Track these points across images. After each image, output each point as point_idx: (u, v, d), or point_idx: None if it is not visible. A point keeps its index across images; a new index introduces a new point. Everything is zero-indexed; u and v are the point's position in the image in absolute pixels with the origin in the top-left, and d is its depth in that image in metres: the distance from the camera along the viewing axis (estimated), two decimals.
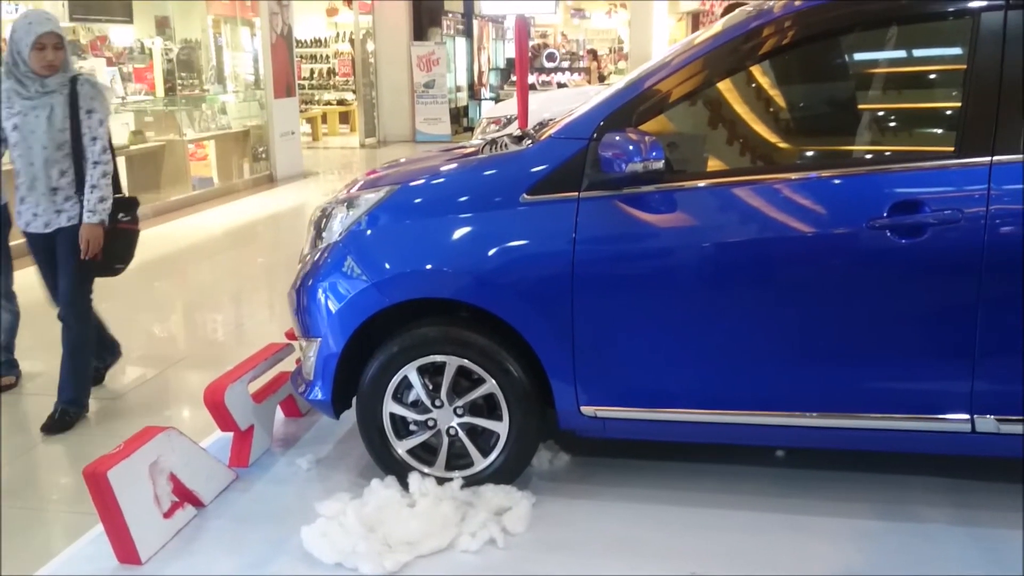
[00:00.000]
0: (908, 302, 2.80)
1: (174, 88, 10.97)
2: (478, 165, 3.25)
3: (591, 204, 2.93)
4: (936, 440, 2.90)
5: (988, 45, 2.73)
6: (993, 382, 2.76)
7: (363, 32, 16.98)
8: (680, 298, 2.92)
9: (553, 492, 3.26)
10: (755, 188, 2.87)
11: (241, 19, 12.33)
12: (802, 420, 2.96)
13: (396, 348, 3.13)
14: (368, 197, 3.24)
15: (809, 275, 2.85)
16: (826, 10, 2.97)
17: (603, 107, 3.04)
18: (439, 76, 16.63)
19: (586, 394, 3.03)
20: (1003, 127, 2.69)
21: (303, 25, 18.63)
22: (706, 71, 2.99)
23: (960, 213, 2.67)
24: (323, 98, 19.41)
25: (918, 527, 2.98)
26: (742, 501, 3.17)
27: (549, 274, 2.95)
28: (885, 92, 3.20)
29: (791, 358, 2.92)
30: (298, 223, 8.83)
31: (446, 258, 3.06)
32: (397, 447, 3.22)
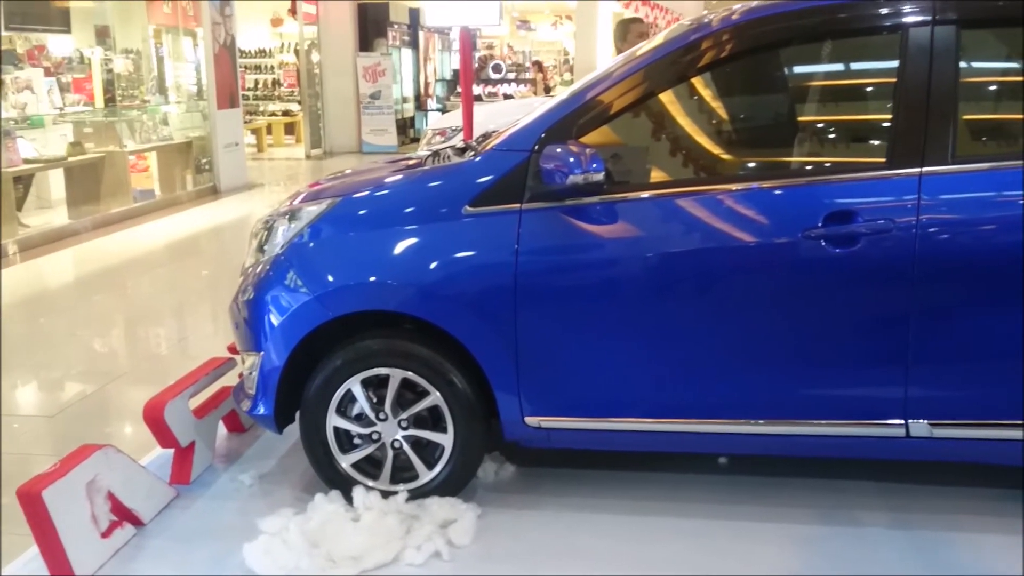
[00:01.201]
0: (844, 310, 2.85)
1: (114, 99, 10.79)
2: (421, 177, 3.25)
3: (533, 216, 2.95)
4: (873, 445, 2.97)
5: (916, 59, 2.81)
6: (926, 387, 2.82)
7: (308, 43, 16.88)
8: (621, 308, 2.94)
9: (499, 503, 3.26)
10: (694, 199, 2.91)
11: (183, 29, 12.17)
12: (745, 427, 3.00)
13: (339, 361, 3.11)
14: (310, 209, 3.22)
15: (748, 284, 2.90)
16: (762, 24, 3.03)
17: (544, 119, 3.06)
18: (385, 87, 16.59)
19: (530, 405, 3.04)
20: (932, 139, 2.76)
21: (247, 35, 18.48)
22: (646, 83, 3.03)
23: (892, 223, 2.74)
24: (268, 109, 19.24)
25: (857, 531, 3.04)
26: (686, 509, 3.20)
27: (492, 286, 2.96)
28: (820, 104, 3.27)
29: (733, 366, 2.96)
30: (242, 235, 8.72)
31: (389, 270, 3.05)
32: (341, 461, 3.20)
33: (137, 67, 11.45)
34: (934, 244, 2.73)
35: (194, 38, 12.17)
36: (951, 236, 2.73)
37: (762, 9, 3.06)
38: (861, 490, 3.27)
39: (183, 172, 11.60)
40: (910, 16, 2.84)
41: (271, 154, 17.32)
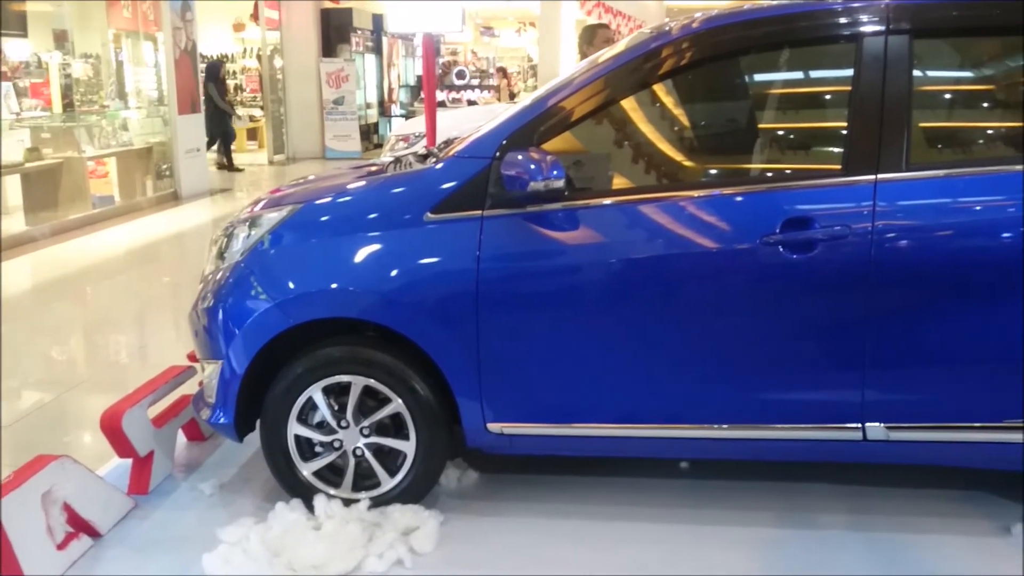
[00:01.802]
0: (802, 316, 2.89)
1: (73, 104, 10.64)
2: (382, 184, 3.24)
3: (495, 222, 2.95)
4: (831, 448, 3.00)
5: (871, 68, 2.85)
6: (882, 391, 2.86)
7: (271, 48, 16.77)
8: (583, 314, 2.96)
9: (461, 510, 3.25)
10: (655, 206, 2.93)
11: (144, 33, 12.03)
12: (706, 432, 3.02)
13: (301, 369, 3.09)
14: (271, 216, 3.20)
15: (709, 290, 2.92)
16: (720, 32, 3.06)
17: (506, 126, 3.07)
18: (348, 93, 16.52)
19: (492, 411, 3.04)
20: (886, 146, 2.81)
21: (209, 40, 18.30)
22: (607, 91, 3.05)
23: (848, 229, 2.77)
24: None
25: (817, 533, 3.07)
26: (648, 513, 3.22)
27: (454, 293, 2.95)
28: (778, 112, 3.30)
29: (694, 371, 2.98)
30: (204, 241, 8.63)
31: (351, 277, 3.03)
32: (302, 469, 3.17)
33: (96, 72, 11.30)
34: (889, 250, 2.77)
35: (155, 43, 12.04)
36: (905, 242, 2.77)
37: (721, 18, 3.09)
38: (821, 493, 3.31)
39: (143, 178, 11.46)
40: (864, 26, 2.89)
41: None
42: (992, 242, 2.78)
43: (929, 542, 3.00)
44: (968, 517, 3.13)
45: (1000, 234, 2.77)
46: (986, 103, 3.19)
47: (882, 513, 3.17)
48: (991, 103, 3.18)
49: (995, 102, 3.17)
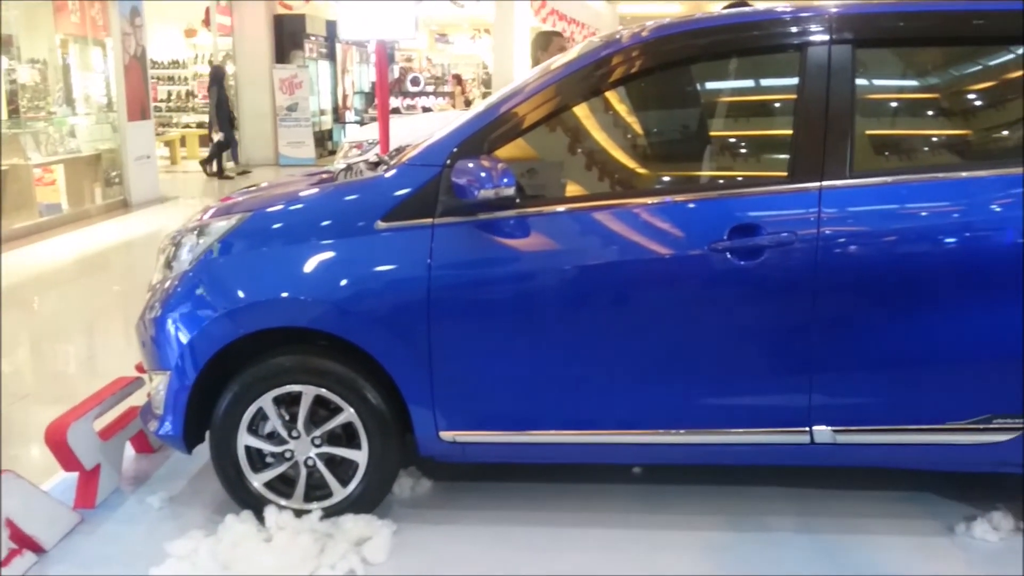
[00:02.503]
0: (750, 321, 2.93)
1: (18, 110, 10.43)
2: (333, 192, 3.23)
3: (446, 230, 2.95)
4: (780, 452, 3.04)
5: (815, 77, 2.90)
6: (828, 395, 2.91)
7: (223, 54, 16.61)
8: (534, 322, 2.96)
9: (415, 519, 3.24)
10: (605, 213, 2.95)
11: (92, 39, 11.84)
12: (658, 437, 3.04)
13: (250, 379, 3.06)
14: (219, 225, 3.17)
15: (659, 297, 2.95)
16: (669, 41, 3.10)
17: (456, 134, 3.07)
18: (302, 99, 16.42)
19: (445, 419, 3.04)
20: (831, 154, 2.86)
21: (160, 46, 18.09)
22: (558, 98, 3.06)
23: (794, 235, 2.82)
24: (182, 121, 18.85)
25: (766, 535, 3.11)
26: (601, 519, 3.23)
27: (405, 301, 2.95)
28: (726, 120, 3.35)
29: (645, 377, 3.00)
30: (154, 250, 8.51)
31: (301, 286, 3.01)
32: (253, 480, 3.14)
33: (43, 77, 11.09)
34: (834, 256, 2.81)
35: (103, 48, 11.86)
36: (850, 248, 2.82)
37: (670, 27, 3.13)
38: (770, 496, 3.35)
39: (92, 185, 11.28)
40: (808, 35, 2.94)
41: (185, 167, 16.96)
42: (935, 247, 2.84)
43: (876, 543, 3.05)
44: (913, 518, 3.19)
45: (942, 239, 2.83)
46: (928, 111, 3.26)
47: (830, 515, 3.22)
48: (933, 111, 3.25)
49: (937, 110, 3.24)
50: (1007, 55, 3.08)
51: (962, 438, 2.91)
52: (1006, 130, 3.12)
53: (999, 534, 3.05)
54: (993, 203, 2.84)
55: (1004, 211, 2.82)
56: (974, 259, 2.82)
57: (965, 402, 2.89)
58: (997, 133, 3.14)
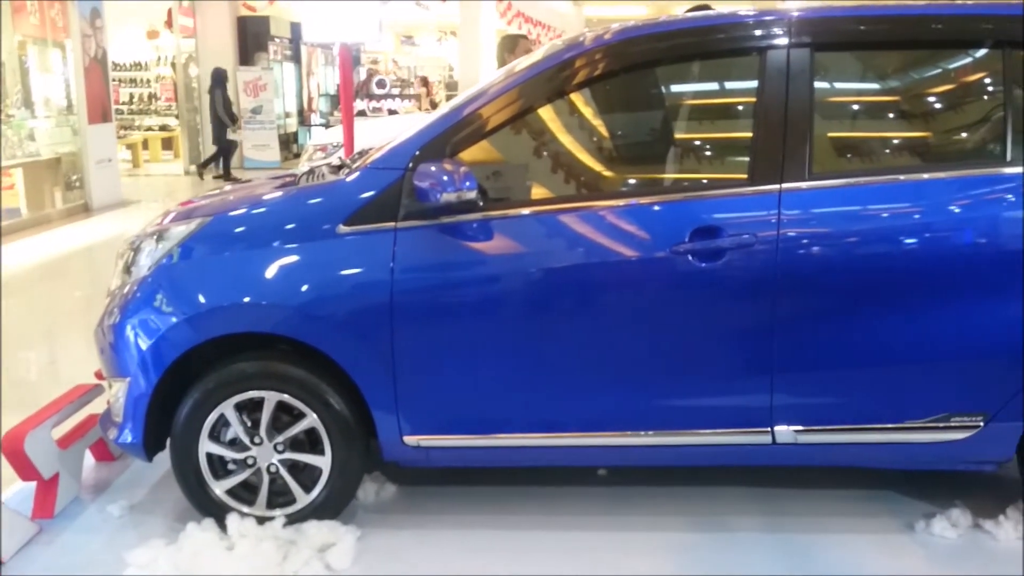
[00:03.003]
0: (712, 323, 2.94)
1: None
2: (294, 196, 3.20)
3: (408, 234, 2.94)
4: (743, 452, 3.06)
5: (774, 80, 2.93)
6: (790, 395, 2.93)
7: (186, 56, 16.45)
8: (498, 325, 2.96)
9: (379, 524, 3.22)
10: (567, 216, 2.95)
11: (52, 40, 11.67)
12: (623, 439, 3.05)
13: (211, 385, 3.03)
14: (179, 229, 3.14)
15: (622, 300, 2.96)
16: (631, 44, 3.11)
17: (418, 137, 3.06)
18: (267, 102, 16.30)
19: (409, 424, 3.02)
20: (790, 156, 2.88)
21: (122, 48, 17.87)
22: (521, 100, 3.06)
23: (754, 237, 2.84)
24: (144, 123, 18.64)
25: (729, 536, 3.12)
26: (566, 522, 3.23)
27: (368, 305, 2.93)
28: (688, 123, 3.37)
29: (610, 379, 3.01)
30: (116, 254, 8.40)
31: (263, 291, 2.98)
32: (215, 488, 3.11)
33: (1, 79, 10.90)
34: (794, 257, 2.84)
35: (63, 50, 11.69)
36: (810, 249, 2.85)
37: (632, 29, 3.14)
38: (733, 496, 3.37)
39: (52, 189, 11.11)
40: (768, 39, 2.96)
41: (148, 170, 16.77)
42: (893, 249, 2.87)
43: (838, 541, 3.08)
44: (874, 516, 3.23)
45: (901, 241, 2.87)
46: (886, 114, 3.30)
47: (792, 514, 3.24)
48: (891, 114, 3.29)
49: (895, 113, 3.28)
50: (965, 58, 3.13)
51: (921, 436, 2.95)
52: (964, 132, 3.17)
53: (957, 531, 3.09)
54: (951, 205, 2.88)
55: (962, 212, 2.87)
56: (931, 260, 2.86)
57: (923, 401, 2.93)
58: (955, 135, 3.19)
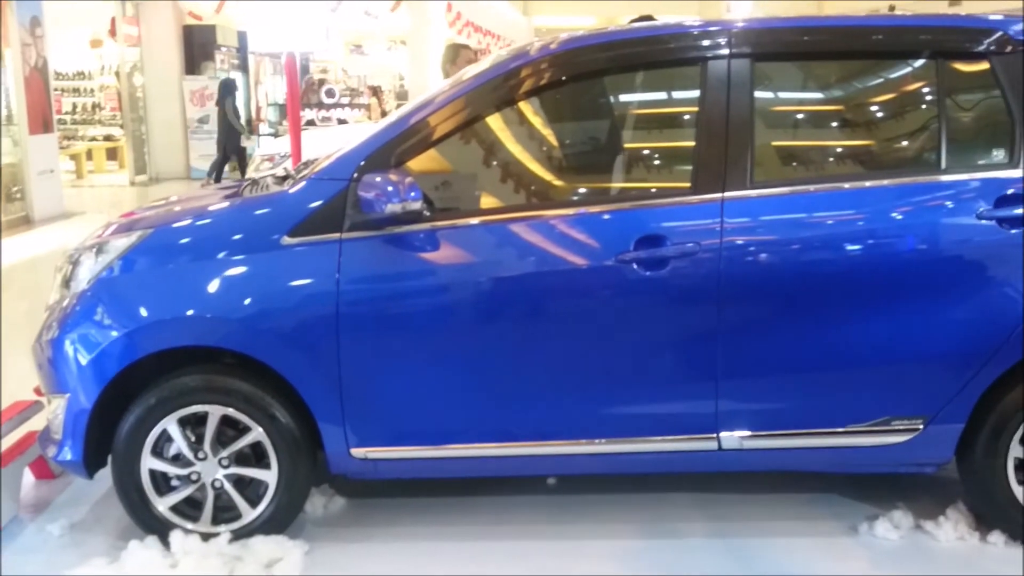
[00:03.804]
0: (658, 331, 2.97)
1: None
2: (238, 207, 3.18)
3: (354, 245, 2.92)
4: (690, 458, 3.09)
5: (715, 90, 2.97)
6: (734, 402, 2.97)
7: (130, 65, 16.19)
8: (445, 335, 2.96)
9: (328, 537, 3.19)
10: (513, 225, 2.96)
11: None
12: (572, 447, 3.06)
13: (153, 400, 2.98)
14: (119, 242, 3.08)
15: (568, 309, 2.97)
16: (576, 54, 3.13)
17: (364, 147, 3.05)
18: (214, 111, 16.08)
19: (356, 436, 3.00)
20: (732, 165, 2.92)
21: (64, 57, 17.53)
22: (467, 110, 3.07)
23: (698, 245, 2.87)
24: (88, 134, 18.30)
25: (677, 542, 3.15)
26: (515, 531, 3.23)
27: (313, 317, 2.91)
28: (633, 132, 3.40)
29: (559, 388, 3.02)
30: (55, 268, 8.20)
31: (206, 304, 2.95)
32: (158, 504, 3.05)
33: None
34: (737, 265, 2.87)
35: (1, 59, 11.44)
36: (752, 257, 2.89)
37: (578, 39, 3.17)
38: (681, 502, 3.40)
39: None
40: (708, 50, 3.00)
41: (92, 181, 16.46)
42: (834, 255, 2.93)
43: (783, 545, 3.11)
44: (819, 519, 3.27)
45: (841, 247, 2.92)
46: (825, 123, 3.36)
47: (739, 519, 3.28)
48: (830, 123, 3.35)
49: (834, 122, 3.34)
50: (904, 68, 3.20)
51: (862, 440, 3.00)
52: (901, 141, 3.24)
53: (899, 532, 3.15)
54: (889, 212, 2.94)
55: (900, 220, 2.93)
56: (871, 267, 2.92)
57: (865, 405, 2.98)
58: (893, 144, 3.26)
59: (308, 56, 18.55)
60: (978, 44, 3.01)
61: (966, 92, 3.09)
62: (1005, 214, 2.88)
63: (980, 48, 3.01)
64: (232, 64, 17.79)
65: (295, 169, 3.66)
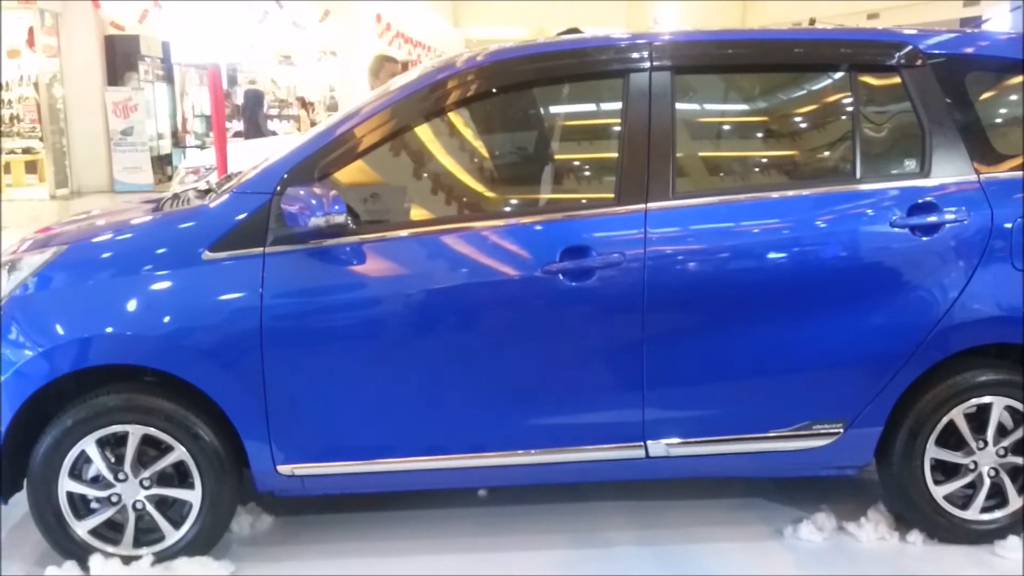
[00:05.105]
0: (585, 341, 2.99)
1: None
2: (158, 222, 3.12)
3: (277, 259, 2.89)
4: (619, 467, 3.11)
5: (637, 102, 3.01)
6: (661, 410, 3.00)
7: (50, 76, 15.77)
8: (372, 349, 2.94)
9: (255, 557, 3.14)
10: (441, 237, 2.96)
11: None
12: (503, 459, 3.05)
13: (71, 421, 2.89)
14: (33, 259, 3.00)
15: (494, 321, 2.98)
16: (501, 66, 3.15)
17: (287, 160, 3.02)
18: (138, 123, 15.74)
19: (282, 453, 2.96)
20: (654, 177, 2.96)
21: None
22: (392, 121, 3.06)
23: (622, 256, 2.90)
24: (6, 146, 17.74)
25: (608, 551, 3.17)
26: (448, 544, 3.22)
27: (237, 333, 2.86)
28: (558, 144, 3.42)
29: (488, 399, 3.02)
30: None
31: (125, 321, 2.88)
32: (77, 528, 2.96)
33: None
34: (660, 274, 2.91)
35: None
36: (675, 267, 2.93)
37: (504, 52, 3.19)
38: (611, 511, 3.42)
39: None
40: (630, 62, 3.04)
41: (10, 195, 15.96)
42: (755, 264, 2.98)
43: (711, 550, 3.16)
44: (746, 524, 3.32)
45: (763, 256, 2.98)
46: (746, 135, 3.43)
47: (668, 525, 3.31)
48: (750, 135, 3.43)
49: (754, 134, 3.41)
50: (821, 81, 3.28)
51: (786, 445, 3.06)
52: (820, 152, 3.32)
53: (823, 534, 3.21)
54: (808, 221, 3.00)
55: (819, 228, 3.00)
56: (790, 275, 2.98)
57: (787, 411, 3.04)
58: (812, 155, 3.34)
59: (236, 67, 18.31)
60: (889, 58, 3.11)
61: (880, 104, 3.18)
62: (917, 222, 2.98)
63: (891, 62, 3.10)
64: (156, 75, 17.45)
65: (218, 182, 3.60)
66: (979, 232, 2.98)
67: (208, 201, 3.09)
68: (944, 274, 2.98)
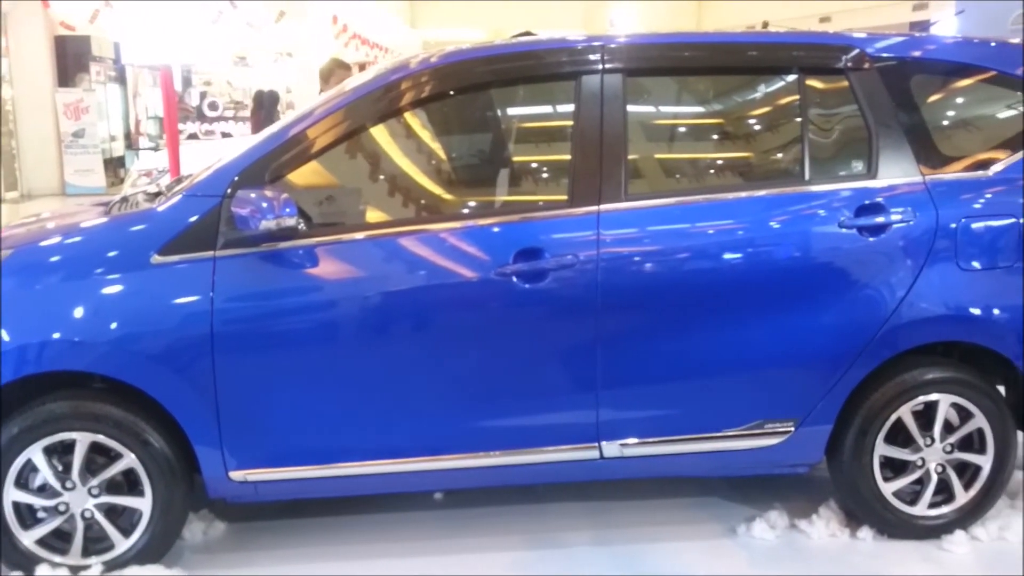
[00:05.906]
0: (539, 342, 2.99)
1: None
2: (106, 225, 3.07)
3: (228, 263, 2.86)
4: (574, 468, 3.12)
5: (589, 104, 3.02)
6: (614, 411, 3.01)
7: None
8: (324, 353, 2.92)
9: (207, 564, 3.10)
10: (393, 240, 2.94)
11: None
12: (459, 462, 3.05)
13: (16, 429, 2.83)
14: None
15: (448, 323, 2.97)
16: (454, 68, 3.15)
17: (237, 162, 2.99)
18: (90, 125, 15.49)
19: (235, 459, 2.93)
20: (607, 179, 2.97)
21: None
22: (345, 123, 3.04)
23: (576, 258, 2.91)
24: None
25: (564, 551, 3.18)
26: (404, 549, 3.21)
27: (186, 337, 2.83)
28: (512, 146, 3.42)
29: (443, 402, 3.01)
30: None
31: (73, 326, 2.83)
32: (23, 538, 2.90)
33: None
34: (613, 276, 2.93)
35: None
36: (628, 268, 2.95)
37: (457, 53, 3.19)
38: (566, 512, 3.43)
39: None
40: (582, 65, 3.06)
41: None
42: (707, 265, 3.01)
43: (666, 549, 3.18)
44: (700, 522, 3.35)
45: (715, 257, 3.01)
46: (698, 136, 3.46)
47: (623, 525, 3.33)
48: (702, 136, 3.45)
49: (705, 136, 3.44)
50: (771, 84, 3.32)
51: (738, 444, 3.09)
52: (771, 154, 3.36)
53: (776, 532, 3.25)
54: (759, 222, 3.04)
55: (769, 229, 3.03)
56: (741, 275, 3.01)
57: (739, 410, 3.07)
58: (763, 156, 3.37)
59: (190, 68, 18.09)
60: (837, 61, 3.15)
61: (828, 107, 3.22)
62: (865, 223, 3.02)
63: (839, 64, 3.15)
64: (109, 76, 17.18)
65: (168, 185, 3.56)
66: (925, 232, 3.03)
67: (157, 204, 3.05)
68: (891, 274, 3.03)
